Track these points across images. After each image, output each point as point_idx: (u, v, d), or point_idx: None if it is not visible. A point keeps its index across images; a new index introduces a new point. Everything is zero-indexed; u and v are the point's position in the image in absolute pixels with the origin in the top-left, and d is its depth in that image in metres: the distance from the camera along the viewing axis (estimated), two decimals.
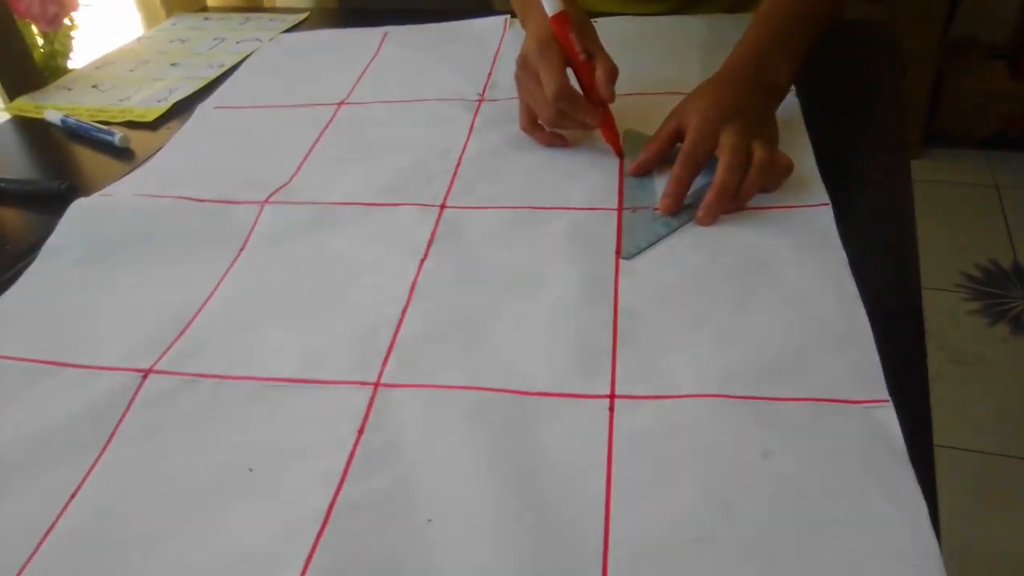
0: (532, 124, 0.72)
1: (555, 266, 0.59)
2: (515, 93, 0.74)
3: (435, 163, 0.72)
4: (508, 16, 0.98)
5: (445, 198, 0.67)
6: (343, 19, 1.14)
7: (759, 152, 0.60)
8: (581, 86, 0.69)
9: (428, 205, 0.66)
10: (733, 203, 0.61)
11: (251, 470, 0.47)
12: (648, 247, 0.59)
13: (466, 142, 0.74)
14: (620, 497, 0.43)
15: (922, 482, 0.41)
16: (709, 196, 0.60)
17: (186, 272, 0.62)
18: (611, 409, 0.47)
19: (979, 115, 2.16)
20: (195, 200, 0.70)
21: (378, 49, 0.95)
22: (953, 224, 1.99)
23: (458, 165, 0.71)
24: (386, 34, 0.98)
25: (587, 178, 0.68)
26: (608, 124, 0.69)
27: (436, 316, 0.56)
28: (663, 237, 0.60)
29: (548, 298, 0.56)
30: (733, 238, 0.59)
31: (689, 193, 0.62)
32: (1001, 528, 1.32)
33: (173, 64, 1.01)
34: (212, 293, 0.60)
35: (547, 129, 0.72)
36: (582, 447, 0.45)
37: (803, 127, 0.70)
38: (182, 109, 0.89)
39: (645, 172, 0.67)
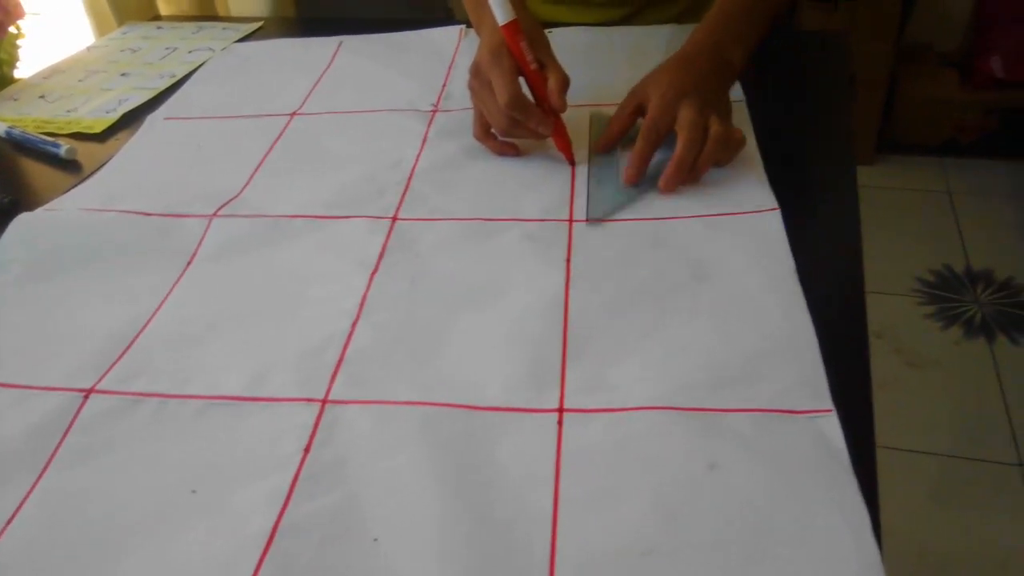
0: (485, 132, 0.73)
1: (507, 278, 0.58)
2: (469, 104, 0.74)
3: (387, 175, 0.71)
4: (463, 27, 0.97)
5: (397, 210, 0.67)
6: (299, 28, 1.14)
7: (715, 127, 0.64)
8: (533, 95, 0.69)
9: (380, 217, 0.66)
10: (691, 175, 0.65)
11: (194, 491, 0.46)
12: (613, 212, 0.64)
13: (419, 153, 0.74)
14: (567, 511, 0.42)
15: (865, 489, 0.42)
16: (669, 168, 0.64)
17: (131, 288, 0.61)
18: (560, 423, 0.47)
19: (932, 122, 2.20)
20: (142, 214, 0.68)
21: (332, 59, 0.94)
22: (908, 229, 2.03)
23: (411, 177, 0.71)
24: (340, 44, 0.98)
25: (540, 189, 0.68)
26: (560, 133, 0.70)
27: (386, 330, 0.55)
28: (626, 204, 0.64)
29: (499, 311, 0.56)
30: (684, 245, 0.60)
31: (650, 165, 0.66)
32: (955, 528, 1.34)
33: (123, 74, 0.99)
34: (157, 310, 0.59)
35: (499, 138, 0.72)
36: (530, 461, 0.45)
37: (752, 134, 0.71)
38: (131, 120, 0.88)
39: (610, 148, 0.71)
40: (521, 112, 0.67)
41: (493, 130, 0.72)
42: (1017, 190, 2.12)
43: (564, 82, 0.68)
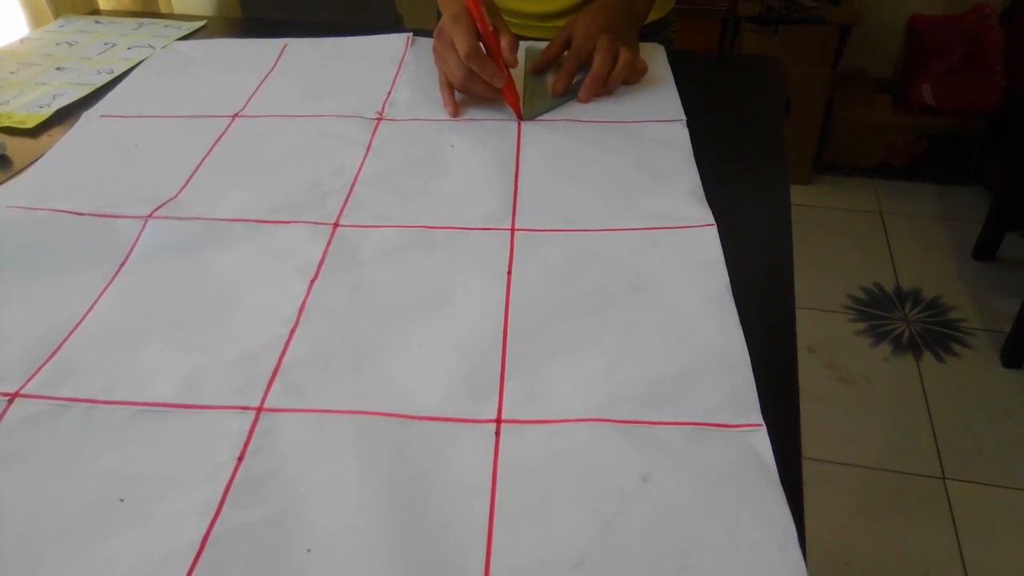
0: (446, 84, 0.82)
1: (448, 288, 0.59)
2: (414, 115, 0.78)
3: (330, 181, 0.71)
4: (411, 34, 0.97)
5: (339, 216, 0.66)
6: (243, 29, 1.12)
7: (625, 54, 0.81)
8: (488, 54, 0.78)
9: (321, 223, 0.65)
10: (604, 88, 0.82)
11: (122, 500, 0.45)
12: (543, 112, 0.80)
13: (363, 161, 0.74)
14: (503, 522, 0.43)
15: (791, 502, 0.43)
16: (587, 80, 0.81)
17: (61, 290, 0.59)
18: (497, 434, 0.47)
19: (866, 145, 2.27)
20: (74, 214, 0.67)
21: (276, 61, 0.93)
22: (841, 248, 2.09)
23: (354, 183, 0.70)
24: (285, 46, 0.97)
25: (483, 199, 0.68)
26: (511, 88, 0.79)
27: (325, 338, 0.55)
28: (554, 107, 0.81)
29: (440, 320, 0.56)
30: (623, 257, 0.60)
31: (573, 83, 0.82)
32: (880, 539, 1.38)
33: (59, 68, 0.97)
34: (87, 312, 0.57)
35: (456, 101, 0.82)
36: (467, 472, 0.45)
37: (691, 152, 0.73)
38: (66, 116, 0.85)
39: (543, 70, 0.88)
40: (478, 63, 0.76)
41: (452, 83, 0.81)
42: (945, 212, 2.20)
43: (515, 42, 0.79)
